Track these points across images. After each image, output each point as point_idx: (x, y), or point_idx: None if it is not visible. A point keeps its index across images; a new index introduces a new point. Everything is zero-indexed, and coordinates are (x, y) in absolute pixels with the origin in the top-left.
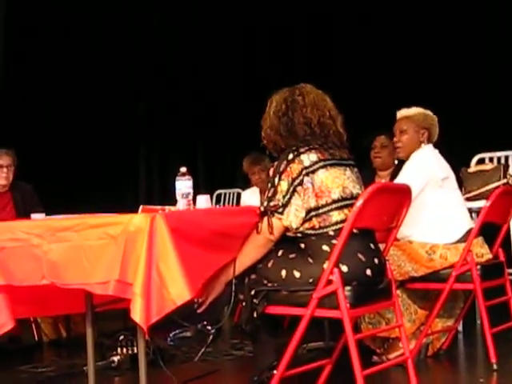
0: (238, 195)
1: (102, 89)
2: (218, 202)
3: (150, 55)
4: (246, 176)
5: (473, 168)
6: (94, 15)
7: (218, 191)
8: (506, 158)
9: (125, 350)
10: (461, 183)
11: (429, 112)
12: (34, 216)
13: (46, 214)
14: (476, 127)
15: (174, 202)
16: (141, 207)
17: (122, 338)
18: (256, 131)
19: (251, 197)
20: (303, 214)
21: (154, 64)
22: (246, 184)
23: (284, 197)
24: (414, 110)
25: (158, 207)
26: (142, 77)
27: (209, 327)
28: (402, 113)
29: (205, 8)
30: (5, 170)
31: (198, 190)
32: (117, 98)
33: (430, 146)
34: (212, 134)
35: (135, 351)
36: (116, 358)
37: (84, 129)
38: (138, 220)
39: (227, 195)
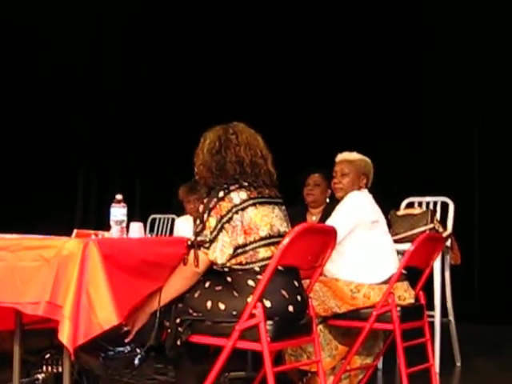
0: (173, 221)
1: (43, 108)
2: (152, 226)
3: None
4: (182, 203)
5: (402, 211)
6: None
7: (153, 216)
8: (435, 203)
9: (50, 368)
10: (389, 225)
11: (368, 159)
12: None
13: None
14: (407, 170)
15: (108, 226)
16: (75, 231)
17: (47, 356)
18: (192, 161)
19: (185, 224)
20: (230, 251)
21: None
22: (181, 210)
23: (211, 233)
24: (355, 156)
25: (92, 232)
26: (86, 97)
27: (137, 350)
28: (344, 156)
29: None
30: None
31: (134, 212)
32: (59, 116)
33: (366, 190)
34: (151, 159)
35: (60, 370)
36: (41, 376)
37: (22, 146)
38: (71, 245)
39: (161, 220)
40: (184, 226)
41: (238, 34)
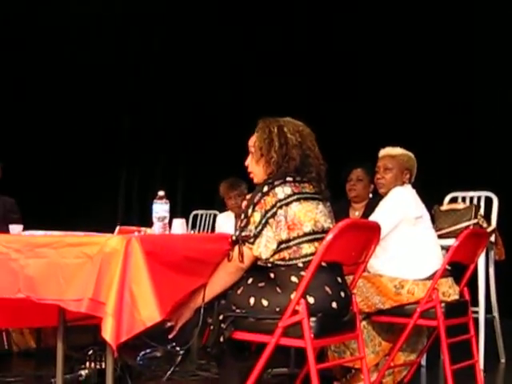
0: (215, 217)
1: (87, 105)
2: (194, 222)
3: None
4: (223, 199)
5: (445, 206)
6: (82, 28)
7: (195, 212)
8: (479, 198)
9: (93, 364)
10: (433, 220)
11: (411, 154)
12: (12, 227)
13: (26, 229)
14: (451, 165)
15: (151, 222)
16: (117, 228)
17: (90, 352)
18: (236, 156)
19: (226, 220)
20: (274, 246)
21: (142, 82)
22: (223, 207)
23: (256, 227)
24: (398, 151)
25: (134, 228)
26: (127, 94)
27: (177, 348)
28: (387, 151)
29: (200, 28)
30: None
31: (176, 209)
32: (101, 113)
33: (409, 185)
34: (194, 156)
35: (103, 366)
36: (84, 372)
37: (67, 145)
38: (114, 242)
39: (203, 216)
40: (225, 222)
41: (280, 31)
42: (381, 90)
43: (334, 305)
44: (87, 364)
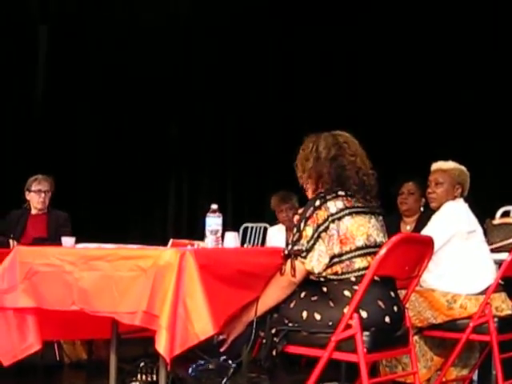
0: (265, 230)
1: (136, 115)
2: (244, 234)
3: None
4: (274, 212)
5: (497, 220)
6: (129, 39)
7: (245, 224)
8: None
9: (144, 376)
10: (485, 234)
11: (464, 168)
12: (64, 240)
13: (76, 241)
14: (503, 179)
15: (201, 234)
16: (170, 241)
17: (142, 364)
18: (287, 170)
19: (277, 233)
20: (326, 260)
21: (191, 93)
22: (273, 219)
23: (308, 242)
24: (450, 164)
25: (187, 241)
26: (176, 106)
27: (230, 361)
28: (439, 165)
29: (247, 41)
30: (43, 194)
31: (226, 221)
32: (150, 124)
33: (461, 200)
34: (243, 168)
35: (154, 379)
36: None
37: (117, 157)
38: (168, 255)
39: (254, 229)
40: (277, 235)
41: (331, 39)
42: (435, 102)
43: (387, 319)
44: (138, 376)
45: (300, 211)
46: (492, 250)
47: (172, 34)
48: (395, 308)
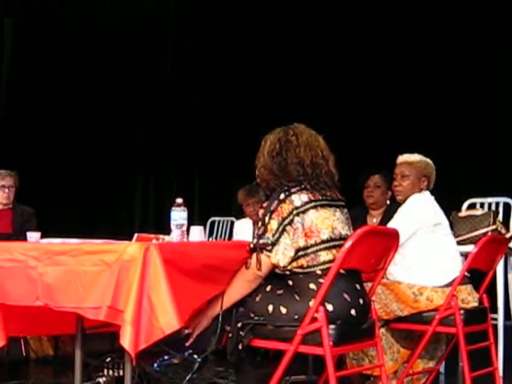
0: (232, 223)
1: (101, 113)
2: (211, 228)
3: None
4: (241, 206)
5: (463, 212)
6: (97, 36)
7: (213, 218)
8: (497, 204)
9: (111, 371)
10: (451, 227)
11: (429, 160)
12: (29, 235)
13: (42, 236)
14: (469, 171)
15: (168, 229)
16: (135, 235)
17: (108, 359)
18: (253, 163)
19: (244, 227)
20: (292, 253)
21: (156, 92)
22: (240, 213)
23: (273, 235)
24: (416, 157)
25: (152, 236)
26: (144, 99)
27: (195, 355)
28: (405, 158)
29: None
30: (6, 190)
31: (193, 215)
32: (118, 120)
33: (427, 192)
34: (210, 162)
35: (121, 373)
36: (102, 380)
37: (83, 153)
38: (132, 249)
39: (221, 223)
40: (243, 229)
41: (301, 34)
42: (399, 94)
43: (353, 312)
44: (105, 371)
45: (265, 205)
46: (458, 243)
47: (138, 30)
48: (361, 301)
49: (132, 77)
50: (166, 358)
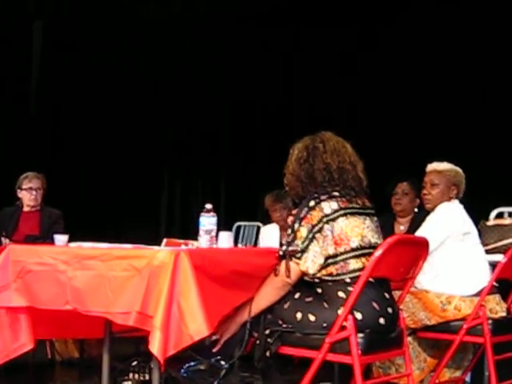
0: (258, 229)
1: (130, 114)
2: (237, 233)
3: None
4: (267, 211)
5: (491, 221)
6: (126, 38)
7: (238, 223)
8: None
9: (137, 375)
10: (479, 236)
11: (459, 169)
12: (57, 238)
13: (69, 239)
14: (497, 180)
15: (193, 233)
16: (164, 240)
17: (134, 363)
18: (281, 169)
19: (271, 232)
20: (321, 261)
21: (186, 95)
22: (266, 219)
23: (303, 242)
24: (446, 166)
25: (181, 241)
26: (172, 104)
27: (222, 362)
28: (434, 166)
29: (244, 42)
30: (34, 192)
31: (219, 220)
32: (144, 126)
33: (457, 201)
34: (237, 167)
35: (146, 378)
36: (127, 383)
37: (111, 157)
38: (162, 255)
39: (247, 228)
40: (270, 235)
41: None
42: (430, 102)
43: (382, 321)
44: (130, 375)
45: (294, 212)
46: (486, 252)
47: (170, 33)
48: (389, 309)
49: (163, 77)
50: (192, 363)
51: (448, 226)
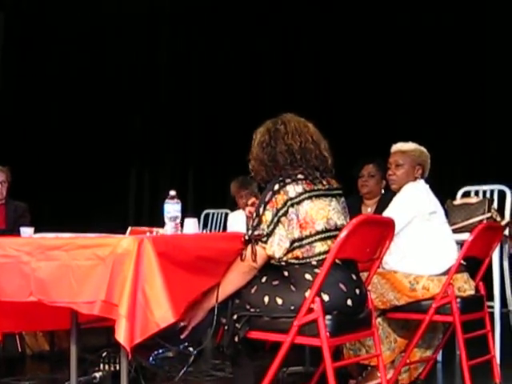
0: (226, 215)
1: (95, 106)
2: (205, 221)
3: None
4: (234, 198)
5: (458, 201)
6: (92, 28)
7: (207, 211)
8: (492, 192)
9: (107, 366)
10: (446, 215)
11: (424, 149)
12: (23, 230)
13: (36, 231)
14: (463, 159)
15: (162, 222)
16: (129, 228)
17: (104, 354)
18: (246, 155)
19: (237, 219)
20: (287, 245)
21: (151, 82)
22: (234, 205)
23: (268, 226)
24: (410, 146)
25: (146, 229)
26: (139, 93)
27: (191, 348)
28: (398, 147)
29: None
30: None
31: (187, 208)
32: (111, 113)
33: (422, 181)
34: (204, 155)
35: (117, 368)
36: (98, 374)
37: (76, 146)
38: (126, 243)
39: (215, 215)
40: (237, 221)
41: (289, 29)
42: (392, 83)
43: (350, 302)
44: (101, 366)
45: (259, 196)
46: (453, 231)
47: (136, 21)
48: (357, 290)
49: (127, 70)
50: (161, 351)
51: (414, 206)
